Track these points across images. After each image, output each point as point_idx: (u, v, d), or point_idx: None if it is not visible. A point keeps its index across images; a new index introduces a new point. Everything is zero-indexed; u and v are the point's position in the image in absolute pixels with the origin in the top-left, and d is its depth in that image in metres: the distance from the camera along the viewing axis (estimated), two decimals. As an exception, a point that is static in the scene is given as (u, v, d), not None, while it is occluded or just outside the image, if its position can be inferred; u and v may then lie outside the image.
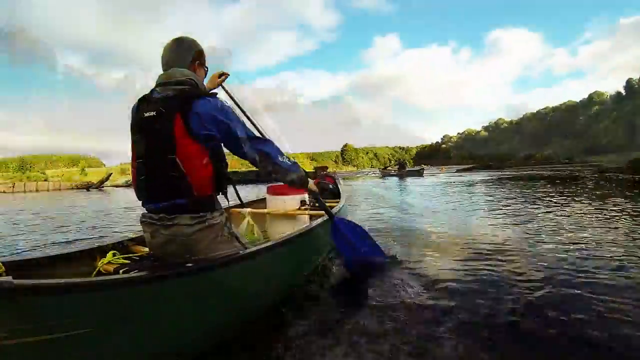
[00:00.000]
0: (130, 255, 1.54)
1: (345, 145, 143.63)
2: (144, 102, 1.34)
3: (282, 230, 2.55)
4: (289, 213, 2.61)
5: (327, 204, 3.40)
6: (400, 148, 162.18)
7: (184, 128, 1.23)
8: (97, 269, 1.48)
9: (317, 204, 2.02)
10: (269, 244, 1.61)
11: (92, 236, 4.11)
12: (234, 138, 1.35)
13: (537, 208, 5.00)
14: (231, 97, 1.89)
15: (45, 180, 28.35)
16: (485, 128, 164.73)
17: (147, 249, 1.57)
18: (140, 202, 1.39)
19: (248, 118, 1.92)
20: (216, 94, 1.37)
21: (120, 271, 1.35)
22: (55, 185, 25.52)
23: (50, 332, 0.86)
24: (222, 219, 1.39)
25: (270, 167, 1.48)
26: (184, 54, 1.39)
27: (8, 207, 9.95)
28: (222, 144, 1.37)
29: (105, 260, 1.48)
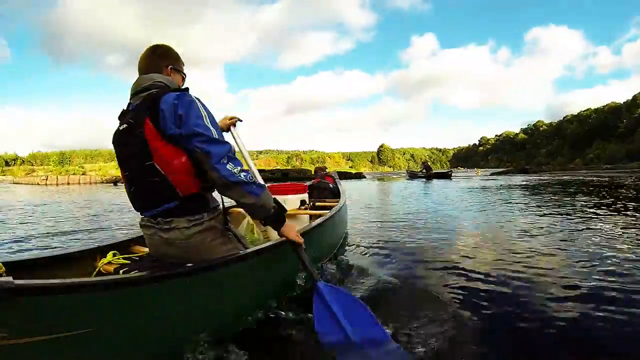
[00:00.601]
0: (130, 255, 1.54)
1: (382, 146, 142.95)
2: (121, 116, 1.36)
3: (282, 230, 2.55)
4: (289, 213, 2.61)
5: (327, 204, 3.42)
6: (437, 149, 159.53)
7: (155, 130, 1.20)
8: (97, 269, 1.48)
9: (302, 261, 1.50)
10: (269, 244, 1.60)
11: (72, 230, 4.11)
12: (187, 132, 1.20)
13: (572, 219, 4.34)
14: (235, 142, 1.83)
15: (83, 174, 29.02)
16: (524, 130, 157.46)
17: (147, 249, 1.56)
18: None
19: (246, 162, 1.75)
20: (187, 88, 1.31)
21: (120, 271, 1.35)
22: (87, 179, 26.61)
23: (50, 332, 0.86)
24: (220, 218, 1.39)
25: (212, 173, 1.23)
26: (156, 60, 1.38)
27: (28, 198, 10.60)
28: None
29: (105, 260, 1.48)
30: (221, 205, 1.43)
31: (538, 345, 1.40)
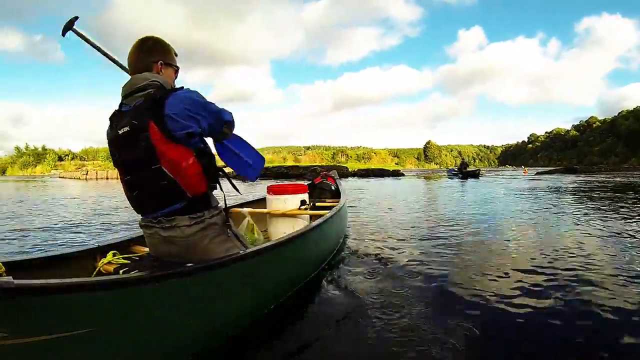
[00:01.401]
0: (130, 255, 1.54)
1: (428, 142, 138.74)
2: (115, 118, 1.31)
3: (283, 230, 2.55)
4: (289, 213, 2.61)
5: (328, 204, 3.43)
6: (485, 147, 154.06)
7: (161, 133, 1.18)
8: (97, 269, 1.48)
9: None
10: (269, 244, 1.60)
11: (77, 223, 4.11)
12: (209, 123, 1.31)
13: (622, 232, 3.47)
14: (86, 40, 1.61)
15: None
16: (576, 127, 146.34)
17: (147, 249, 1.56)
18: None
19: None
20: (182, 87, 1.31)
21: (120, 271, 1.35)
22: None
23: (50, 332, 0.86)
24: (220, 217, 1.39)
25: (229, 133, 1.46)
26: (147, 54, 1.33)
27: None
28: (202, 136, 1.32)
29: (105, 260, 1.48)
30: (223, 204, 1.43)
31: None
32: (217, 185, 1.40)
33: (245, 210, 2.51)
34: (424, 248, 2.97)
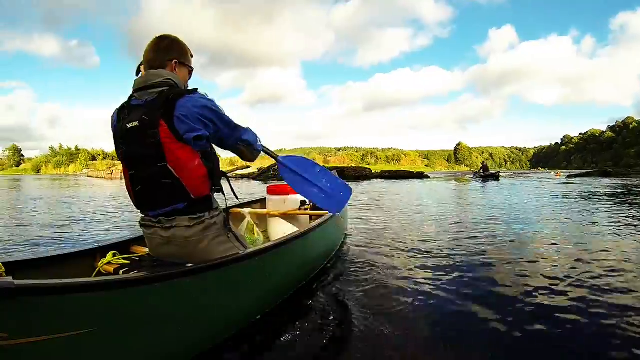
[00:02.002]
0: (130, 255, 1.54)
1: (458, 144, 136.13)
2: (123, 111, 1.30)
3: (283, 231, 2.55)
4: (289, 213, 2.61)
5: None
6: (516, 149, 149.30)
7: (170, 133, 1.19)
8: (97, 269, 1.48)
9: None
10: (269, 244, 1.60)
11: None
12: (221, 133, 1.35)
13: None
14: None
15: None
16: (611, 128, 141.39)
17: (147, 249, 1.56)
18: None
19: None
20: (196, 89, 1.31)
21: (120, 271, 1.35)
22: None
23: (50, 332, 0.86)
24: (221, 218, 1.39)
25: (251, 155, 1.53)
26: (163, 52, 1.34)
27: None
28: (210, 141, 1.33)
29: (105, 260, 1.48)
30: (222, 205, 1.43)
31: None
32: (220, 188, 1.40)
33: (245, 210, 2.51)
34: (425, 248, 2.97)
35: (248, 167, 27.37)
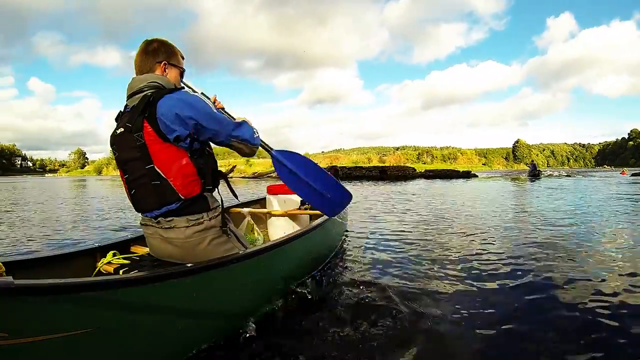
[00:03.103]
0: (130, 255, 1.54)
1: (517, 141, 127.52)
2: (119, 118, 1.34)
3: (282, 231, 2.55)
4: (289, 213, 2.61)
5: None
6: (580, 145, 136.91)
7: (155, 134, 1.20)
8: (97, 269, 1.48)
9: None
10: (269, 244, 1.60)
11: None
12: (207, 131, 1.28)
13: None
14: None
15: (232, 168, 32.62)
16: None
17: (147, 249, 1.56)
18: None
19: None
20: (182, 88, 1.31)
21: (120, 271, 1.36)
22: None
23: (50, 332, 0.86)
24: (219, 218, 1.39)
25: (249, 150, 1.44)
26: (151, 56, 1.35)
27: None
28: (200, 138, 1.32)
29: (105, 260, 1.48)
30: (221, 206, 1.43)
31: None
32: (216, 188, 1.39)
33: (245, 210, 2.51)
34: (426, 249, 2.97)
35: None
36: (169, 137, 1.21)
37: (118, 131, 1.29)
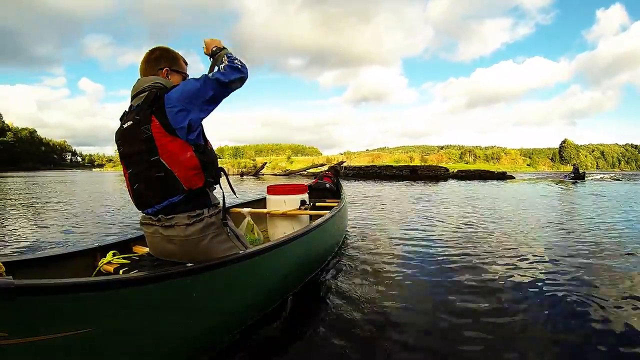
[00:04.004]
0: (130, 255, 1.54)
1: (564, 142, 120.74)
2: (123, 117, 1.38)
3: (282, 231, 2.55)
4: (289, 213, 2.61)
5: (328, 204, 3.43)
6: (632, 146, 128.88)
7: (161, 127, 1.24)
8: (97, 269, 1.48)
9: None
10: (269, 244, 1.60)
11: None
12: (205, 97, 1.28)
13: None
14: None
15: (254, 166, 32.04)
16: None
17: (147, 249, 1.57)
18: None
19: None
20: (182, 82, 1.35)
21: (120, 271, 1.36)
22: (234, 171, 29.26)
23: (50, 331, 0.86)
24: (219, 215, 1.40)
25: (235, 77, 1.32)
26: (153, 63, 1.42)
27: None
28: (203, 130, 1.36)
29: (105, 260, 1.48)
30: (222, 203, 1.44)
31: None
32: (217, 185, 1.42)
33: (245, 210, 2.51)
34: (427, 249, 2.97)
35: (323, 165, 28.63)
36: (177, 129, 1.25)
37: (125, 125, 1.32)
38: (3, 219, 4.96)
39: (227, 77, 1.29)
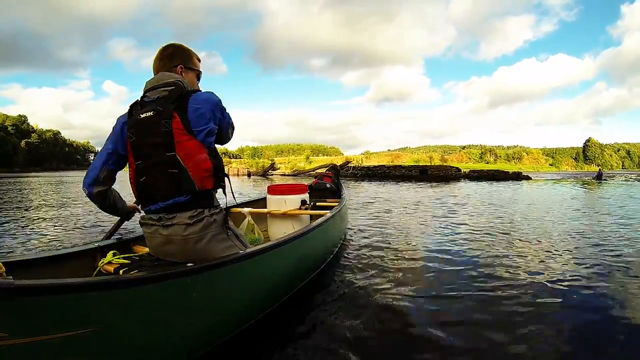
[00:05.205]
0: (131, 255, 1.54)
1: (588, 140, 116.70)
2: (136, 107, 1.35)
3: (283, 230, 2.55)
4: (289, 213, 2.61)
5: (328, 204, 3.43)
6: None
7: (182, 125, 1.25)
8: (97, 269, 1.47)
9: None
10: (269, 244, 1.60)
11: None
12: (227, 131, 1.45)
13: None
14: None
15: (271, 165, 32.40)
16: None
17: (147, 249, 1.56)
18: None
19: None
20: (210, 92, 1.38)
21: (121, 271, 1.35)
22: (235, 171, 29.80)
23: (50, 331, 0.85)
24: (221, 216, 1.40)
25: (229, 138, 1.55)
26: (167, 60, 1.41)
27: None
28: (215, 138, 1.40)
29: (105, 260, 1.48)
30: (223, 204, 1.44)
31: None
32: (222, 186, 1.42)
33: (246, 210, 2.51)
34: (426, 249, 2.97)
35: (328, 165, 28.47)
36: (196, 132, 1.26)
37: (143, 115, 1.30)
38: (3, 219, 4.96)
39: (233, 131, 1.52)
